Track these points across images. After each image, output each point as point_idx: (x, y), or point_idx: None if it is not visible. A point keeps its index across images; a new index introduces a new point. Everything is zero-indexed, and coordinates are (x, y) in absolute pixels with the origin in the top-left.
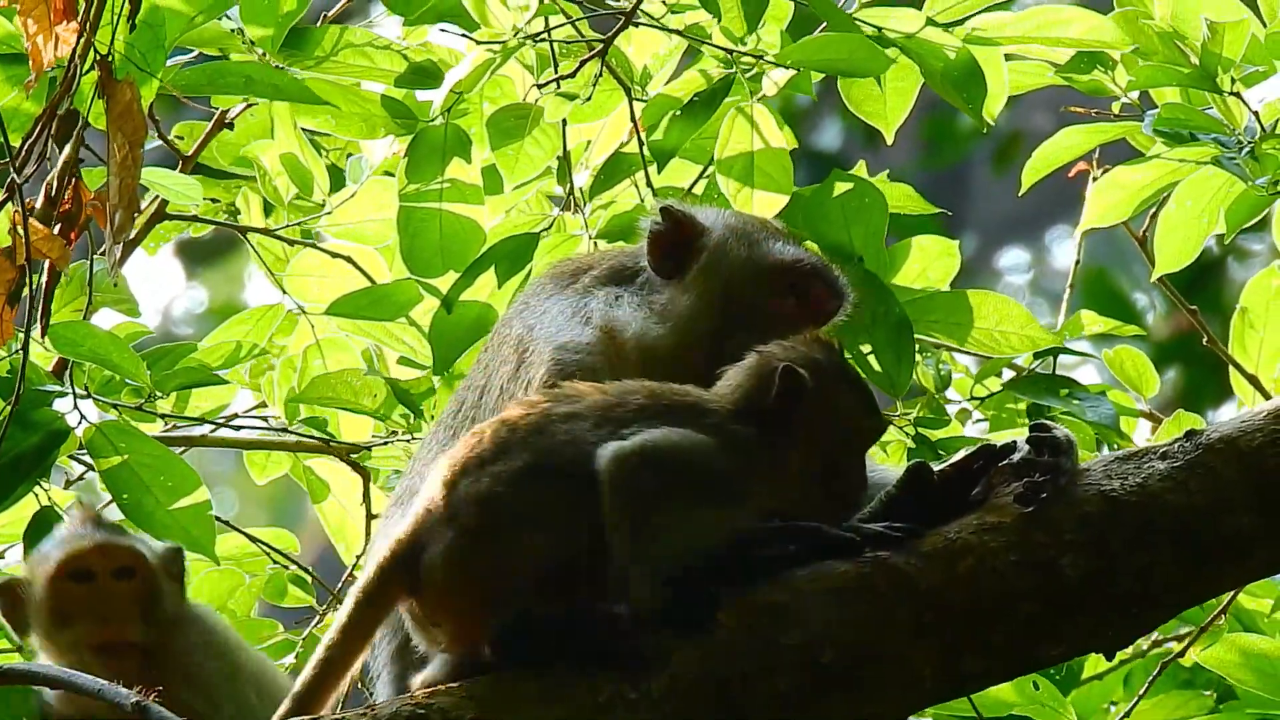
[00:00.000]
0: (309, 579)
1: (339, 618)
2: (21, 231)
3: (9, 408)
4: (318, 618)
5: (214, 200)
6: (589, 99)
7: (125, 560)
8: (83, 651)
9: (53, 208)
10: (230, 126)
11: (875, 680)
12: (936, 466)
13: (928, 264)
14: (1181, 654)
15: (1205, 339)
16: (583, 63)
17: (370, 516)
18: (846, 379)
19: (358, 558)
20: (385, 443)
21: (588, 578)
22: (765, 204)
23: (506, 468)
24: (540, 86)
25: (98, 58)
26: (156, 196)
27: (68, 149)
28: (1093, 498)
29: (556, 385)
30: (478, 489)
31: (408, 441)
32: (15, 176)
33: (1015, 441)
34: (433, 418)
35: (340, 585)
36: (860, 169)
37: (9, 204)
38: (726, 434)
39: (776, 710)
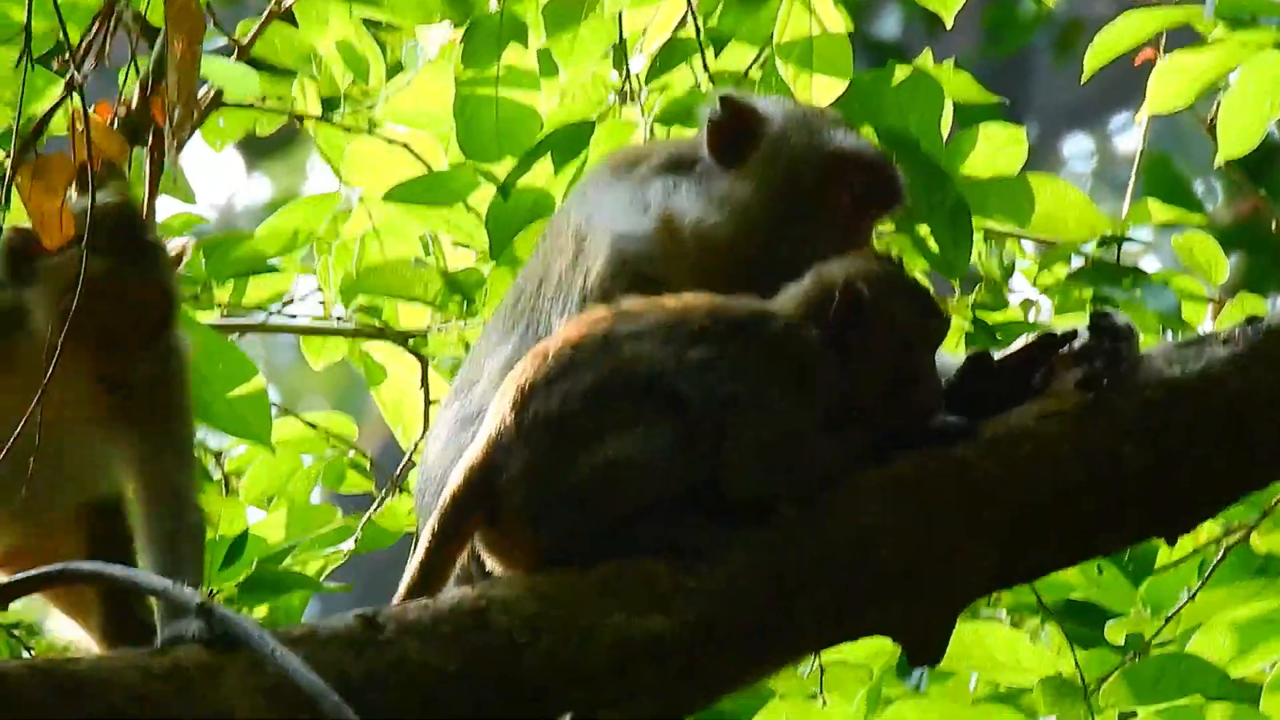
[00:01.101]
0: (367, 464)
1: (417, 555)
2: (81, 128)
3: (74, 298)
4: (376, 503)
5: (280, 98)
6: None
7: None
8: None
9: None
10: (293, 19)
11: (932, 575)
12: (996, 355)
13: (995, 151)
14: (1244, 539)
15: (1275, 224)
16: None
17: (429, 401)
18: (904, 286)
19: (416, 443)
20: (440, 328)
21: (659, 487)
22: (824, 89)
23: (576, 385)
24: None
25: None
26: (213, 86)
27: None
28: (1154, 384)
29: (615, 281)
30: (549, 408)
31: (463, 327)
32: (76, 73)
33: (1075, 329)
34: (485, 305)
35: (399, 471)
36: (925, 56)
37: (69, 100)
38: (793, 340)
39: (832, 605)
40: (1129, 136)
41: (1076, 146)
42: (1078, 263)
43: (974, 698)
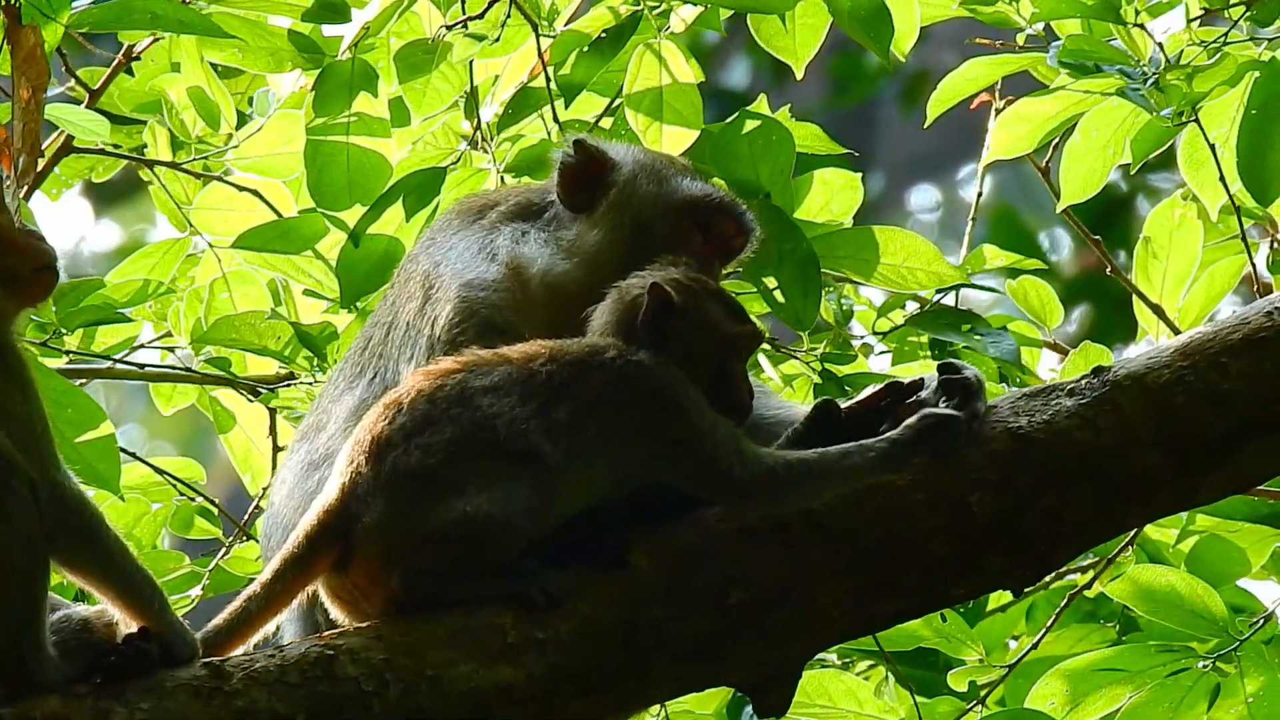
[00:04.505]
0: (215, 511)
1: (261, 578)
2: None
3: None
4: (224, 549)
5: (116, 146)
6: (497, 40)
7: None
8: None
9: None
10: (131, 71)
11: (785, 622)
12: (843, 403)
13: (831, 197)
14: (1087, 586)
15: (1109, 268)
16: (490, 4)
17: (276, 448)
18: (709, 291)
19: (264, 490)
20: (289, 384)
21: (518, 541)
22: (674, 139)
23: (435, 440)
24: (449, 28)
25: (3, 4)
26: (62, 132)
27: None
28: (1000, 436)
29: (463, 328)
30: (409, 461)
31: (310, 385)
32: None
33: (923, 378)
34: (336, 361)
35: (246, 518)
36: (760, 103)
37: None
38: (633, 365)
39: (685, 653)
40: (975, 187)
41: (922, 197)
42: (915, 308)
43: None
